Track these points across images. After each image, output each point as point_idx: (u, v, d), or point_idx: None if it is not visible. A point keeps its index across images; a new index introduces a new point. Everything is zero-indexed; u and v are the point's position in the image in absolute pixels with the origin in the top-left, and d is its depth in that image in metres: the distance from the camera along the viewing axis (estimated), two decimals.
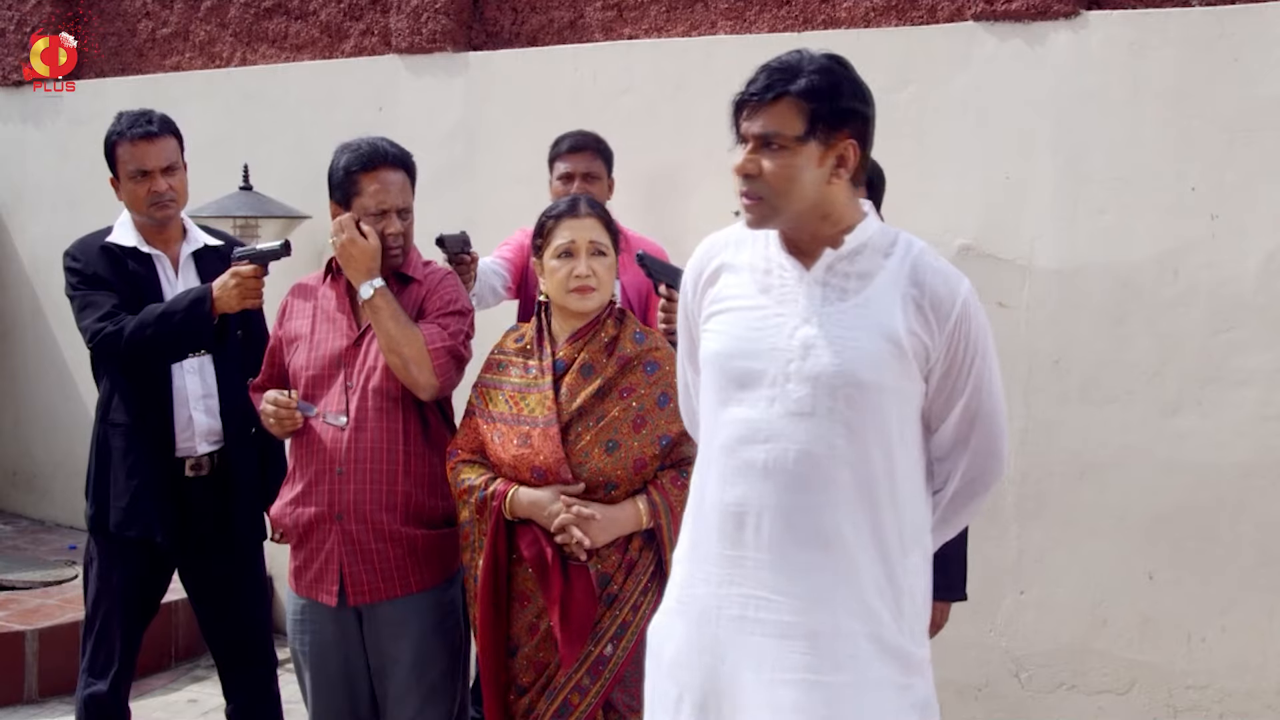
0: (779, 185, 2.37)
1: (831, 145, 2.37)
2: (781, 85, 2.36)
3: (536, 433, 3.23)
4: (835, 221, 2.44)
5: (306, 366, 3.44)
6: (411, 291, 3.50)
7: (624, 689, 3.18)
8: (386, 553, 3.38)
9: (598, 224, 3.31)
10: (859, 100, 2.41)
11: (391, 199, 3.44)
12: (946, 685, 4.63)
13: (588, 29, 5.62)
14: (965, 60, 4.67)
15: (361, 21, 6.20)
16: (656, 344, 3.31)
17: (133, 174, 3.89)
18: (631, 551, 3.22)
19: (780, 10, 5.18)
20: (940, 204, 4.68)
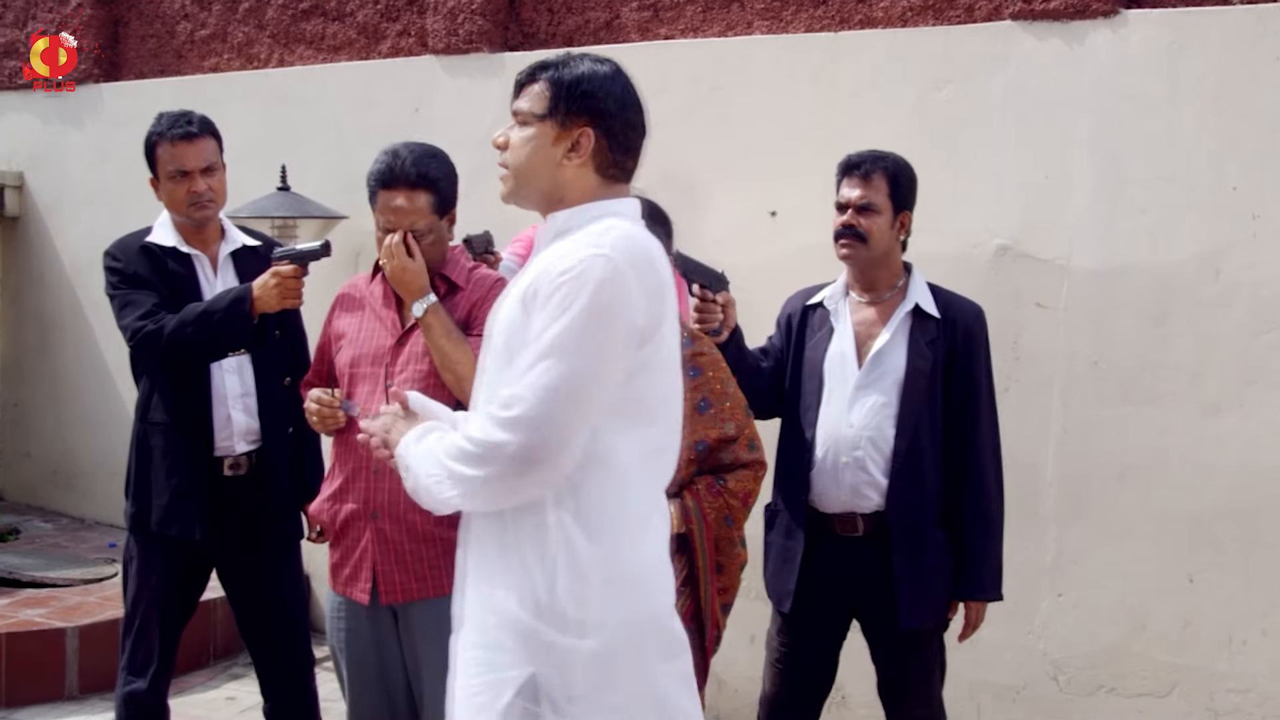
0: (515, 158, 2.55)
1: (568, 129, 2.49)
2: (541, 71, 2.54)
3: None
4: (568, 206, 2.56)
5: (350, 364, 3.44)
6: (458, 297, 3.50)
7: None
8: (420, 553, 3.37)
9: None
10: (611, 100, 2.51)
11: (399, 221, 3.40)
12: (985, 687, 4.63)
13: (624, 29, 5.62)
14: (1003, 60, 4.65)
15: (398, 23, 6.22)
16: (702, 349, 3.29)
17: (172, 174, 3.92)
18: None
19: (816, 10, 5.17)
20: (978, 204, 4.66)
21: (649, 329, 2.40)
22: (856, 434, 3.58)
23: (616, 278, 2.34)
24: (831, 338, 3.69)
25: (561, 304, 2.33)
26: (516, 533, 2.44)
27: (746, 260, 4.68)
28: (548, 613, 2.39)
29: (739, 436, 3.23)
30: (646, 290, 2.39)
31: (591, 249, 2.36)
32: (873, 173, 3.62)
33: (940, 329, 3.61)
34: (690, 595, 3.22)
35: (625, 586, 2.43)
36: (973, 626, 3.70)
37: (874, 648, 3.73)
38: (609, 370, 2.36)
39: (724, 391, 3.25)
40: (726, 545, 3.24)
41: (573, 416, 2.33)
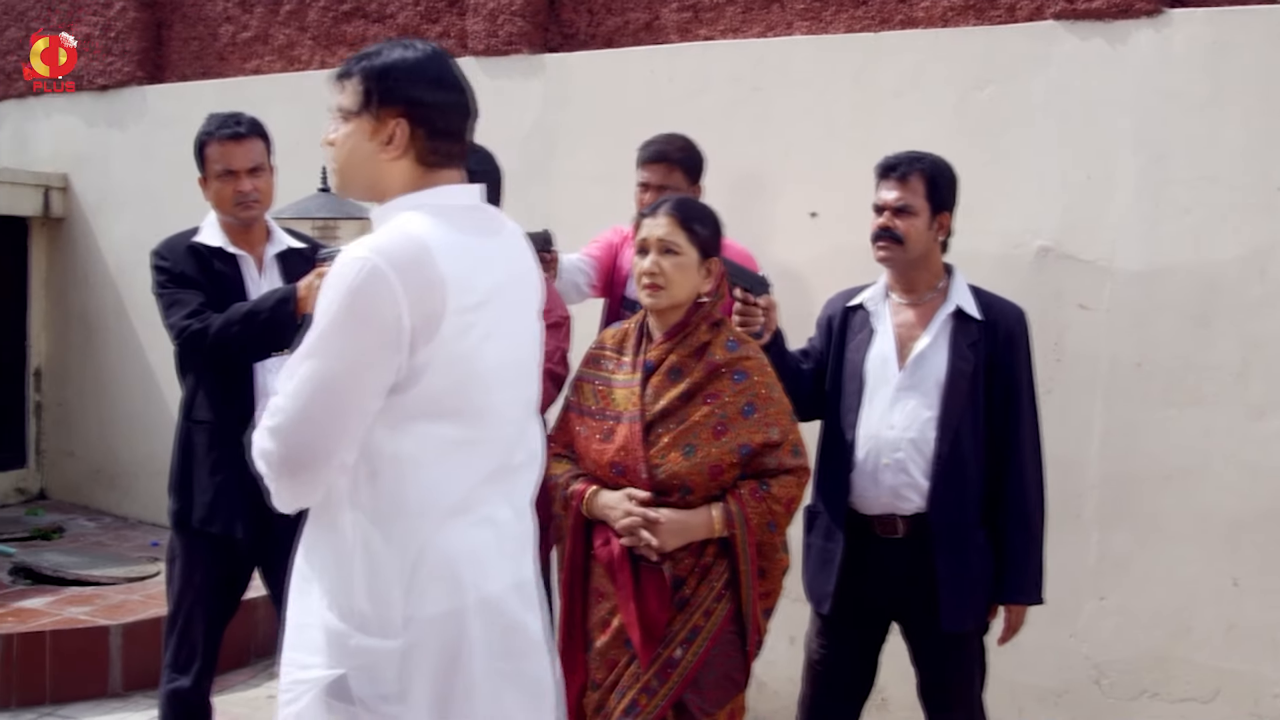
0: (337, 155, 2.51)
1: (382, 121, 2.46)
2: (355, 64, 2.51)
3: (621, 429, 3.25)
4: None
5: None
6: None
7: (697, 690, 3.17)
8: None
9: (670, 223, 3.30)
10: (422, 86, 2.47)
11: None
12: (1026, 690, 4.61)
13: (664, 30, 5.62)
14: (1045, 60, 4.63)
15: (439, 24, 6.25)
16: (749, 353, 3.28)
17: (219, 173, 3.95)
18: (706, 557, 3.22)
19: (857, 10, 5.16)
20: (1020, 205, 4.64)
21: (425, 327, 2.32)
22: (898, 436, 3.57)
23: (372, 281, 2.28)
24: (872, 339, 3.68)
25: (323, 310, 2.32)
26: (318, 534, 2.45)
27: (788, 261, 4.68)
28: (350, 614, 2.38)
29: (783, 442, 3.22)
30: (415, 288, 2.30)
31: (356, 252, 2.32)
32: (909, 174, 3.60)
33: (982, 331, 3.59)
34: (731, 599, 3.21)
35: (431, 581, 2.39)
36: (1013, 630, 3.69)
37: (914, 650, 3.72)
38: (371, 374, 2.32)
39: (769, 396, 3.24)
40: (769, 550, 3.23)
41: (331, 421, 2.31)
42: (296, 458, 2.32)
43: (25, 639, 5.21)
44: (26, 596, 5.72)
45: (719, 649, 3.19)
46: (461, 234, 2.44)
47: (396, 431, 2.36)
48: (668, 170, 4.37)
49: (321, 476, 2.34)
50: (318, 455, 2.32)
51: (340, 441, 2.32)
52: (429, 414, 2.38)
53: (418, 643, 2.37)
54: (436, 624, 2.39)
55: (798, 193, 5.05)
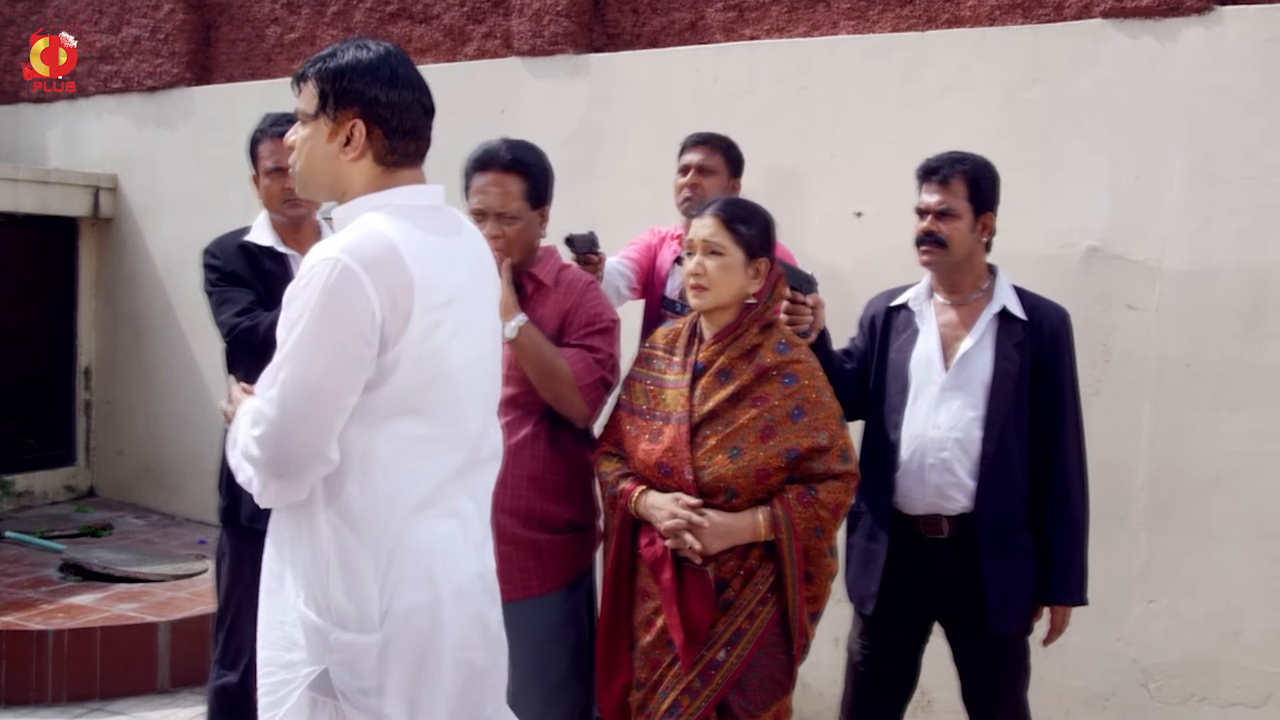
0: (297, 159, 2.56)
1: (339, 123, 2.50)
2: (310, 67, 2.55)
3: (669, 429, 3.25)
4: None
5: None
6: (547, 297, 3.51)
7: (741, 692, 3.17)
8: (509, 555, 3.36)
9: (715, 223, 3.29)
10: (377, 86, 2.50)
11: (489, 202, 3.45)
12: (1073, 693, 4.58)
13: (708, 30, 5.62)
14: (1093, 58, 4.59)
15: (484, 25, 6.26)
16: (799, 356, 3.26)
17: (270, 170, 3.99)
18: (751, 560, 3.20)
19: (903, 9, 5.14)
20: (1067, 205, 4.60)
21: (393, 327, 2.37)
22: (943, 436, 3.55)
23: (344, 280, 2.32)
24: (916, 339, 3.67)
25: (296, 313, 2.36)
26: (295, 533, 2.49)
27: (832, 261, 4.67)
28: (328, 611, 2.43)
29: (831, 447, 3.19)
30: (386, 287, 2.35)
31: (325, 253, 2.35)
32: (951, 177, 3.59)
33: (1027, 331, 3.57)
34: (777, 603, 3.20)
35: (405, 576, 2.45)
36: (1058, 631, 3.67)
37: (958, 652, 3.70)
38: (350, 371, 2.36)
39: (819, 400, 3.22)
40: (816, 555, 3.21)
41: (315, 423, 2.36)
42: (285, 461, 2.38)
43: (75, 635, 5.27)
44: (76, 593, 5.78)
45: (764, 652, 3.18)
46: (426, 234, 2.48)
47: (367, 430, 2.42)
48: (709, 152, 4.42)
49: (310, 475, 2.40)
50: (305, 456, 2.37)
51: (326, 441, 2.37)
52: (398, 412, 2.43)
53: (394, 636, 2.43)
54: (411, 616, 2.45)
55: (843, 193, 5.04)
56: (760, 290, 3.31)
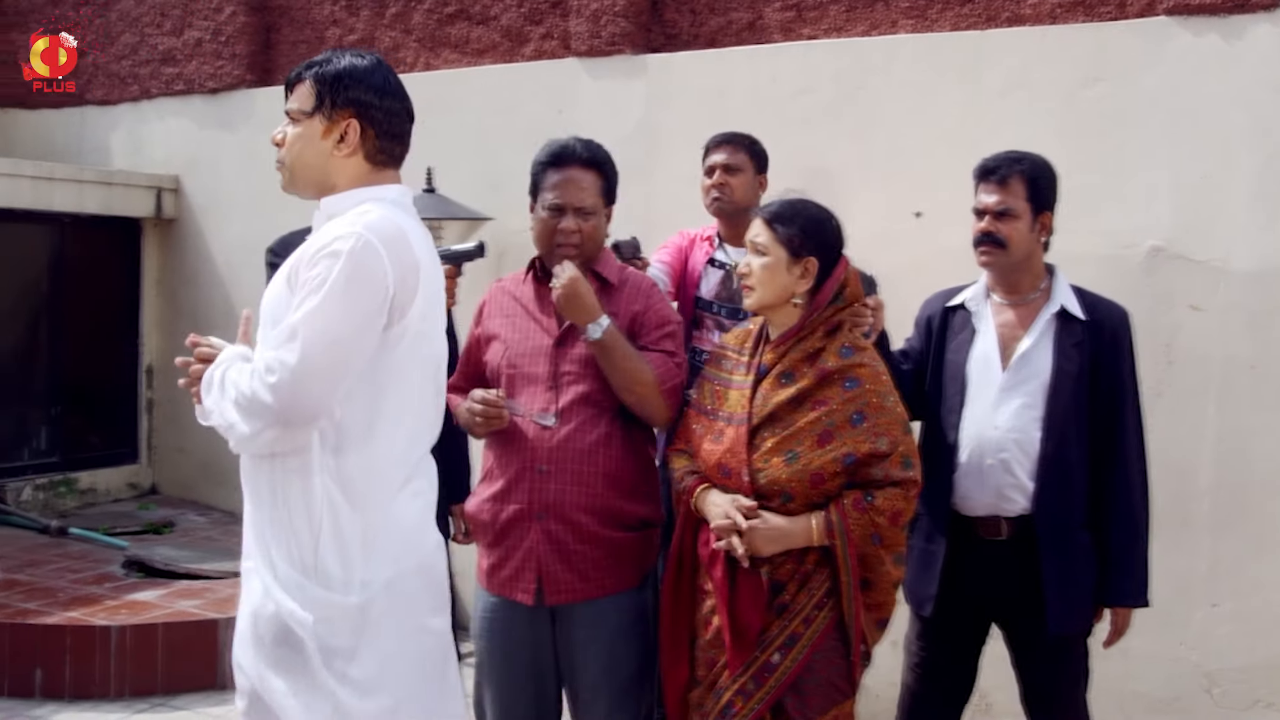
0: (289, 154, 2.78)
1: (334, 122, 2.73)
2: (307, 69, 2.77)
3: (730, 430, 3.24)
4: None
5: (508, 364, 3.45)
6: (615, 297, 3.51)
7: (797, 696, 3.14)
8: (586, 553, 3.37)
9: (759, 223, 3.29)
10: (372, 91, 2.74)
11: (568, 196, 3.46)
12: (1135, 698, 4.53)
13: (767, 30, 5.61)
14: (1157, 56, 4.55)
15: (542, 25, 6.28)
16: (863, 360, 3.22)
17: None
18: (806, 564, 3.17)
19: (963, 8, 5.11)
20: (1131, 204, 4.57)
21: (402, 303, 2.62)
22: (1002, 436, 3.53)
23: (368, 251, 2.56)
24: (974, 340, 3.65)
25: (320, 277, 2.56)
26: (287, 496, 2.66)
27: (891, 261, 4.64)
28: (314, 571, 2.62)
29: (892, 453, 3.14)
30: (399, 265, 2.61)
31: (347, 228, 2.59)
32: (1009, 177, 3.56)
33: (1086, 331, 3.54)
34: (834, 608, 3.18)
35: (386, 546, 2.67)
36: (1119, 633, 3.64)
37: (1018, 654, 3.67)
38: (363, 337, 2.59)
39: (881, 405, 3.17)
40: (874, 562, 3.15)
41: (328, 380, 2.55)
42: (297, 409, 2.55)
43: (138, 631, 5.34)
44: (139, 589, 5.85)
45: (820, 657, 3.15)
46: (418, 228, 2.78)
47: (367, 403, 2.64)
48: (734, 150, 4.46)
49: (312, 425, 2.59)
50: (315, 408, 2.56)
51: (336, 395, 2.58)
52: (395, 389, 2.67)
53: (371, 602, 2.64)
54: (389, 585, 2.66)
55: (901, 193, 5.01)
56: (823, 292, 3.27)
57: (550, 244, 3.47)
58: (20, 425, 7.56)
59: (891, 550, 3.17)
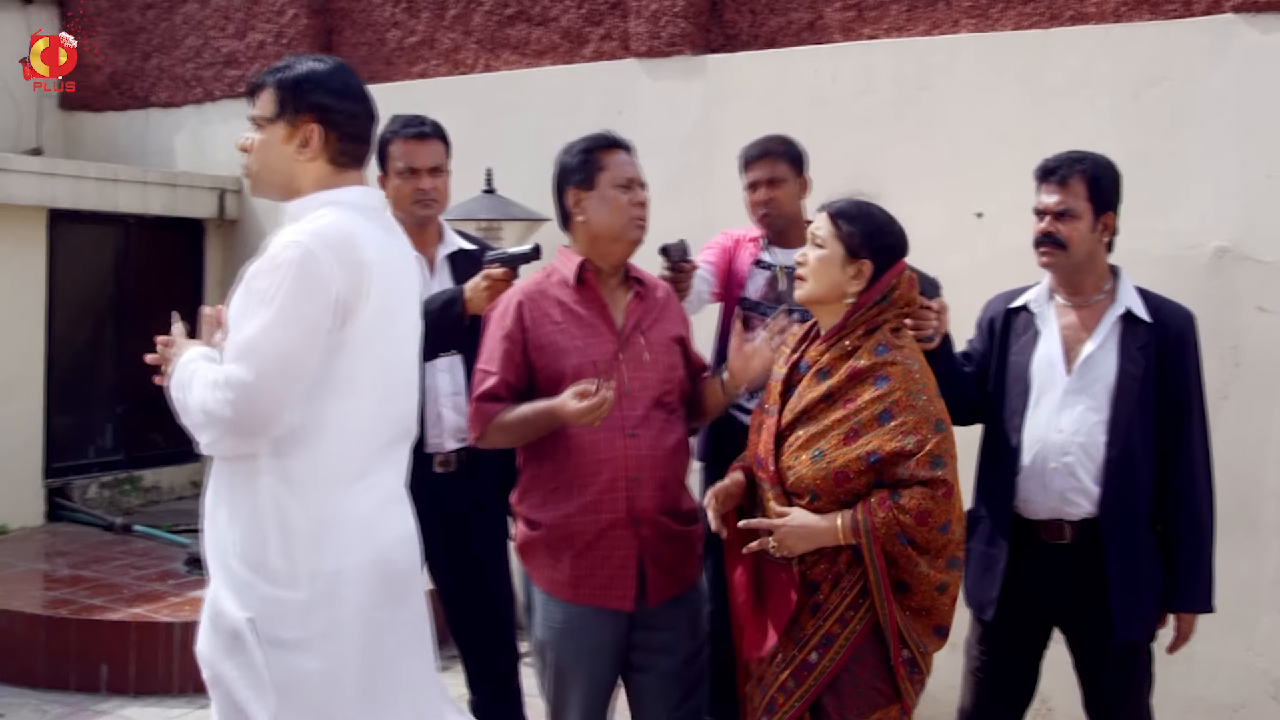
0: (254, 161, 2.85)
1: (296, 127, 2.79)
2: (269, 75, 2.84)
3: (769, 423, 3.27)
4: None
5: (573, 374, 3.40)
6: (646, 297, 3.54)
7: (835, 694, 3.14)
8: (673, 552, 3.44)
9: (823, 216, 3.29)
10: (332, 95, 2.81)
11: (635, 171, 3.52)
12: (1199, 704, 4.49)
13: (827, 30, 5.60)
14: (1223, 54, 4.50)
15: (601, 26, 6.30)
16: (895, 359, 3.19)
17: (401, 171, 4.05)
18: (839, 564, 3.16)
19: (1025, 7, 5.07)
20: (1196, 205, 4.52)
21: (349, 306, 2.66)
22: (1066, 439, 3.50)
23: (311, 259, 2.61)
24: (1037, 342, 3.62)
25: (268, 288, 2.62)
26: (234, 493, 2.73)
27: (953, 262, 4.62)
28: (262, 568, 2.68)
29: (918, 452, 3.11)
30: (346, 269, 2.65)
31: (292, 237, 2.64)
32: (1069, 177, 3.53)
33: (1151, 334, 3.51)
34: (870, 610, 3.16)
35: (332, 540, 2.70)
36: (1184, 639, 3.61)
37: (1080, 660, 3.64)
38: (313, 345, 2.64)
39: (909, 404, 3.14)
40: (907, 563, 3.10)
41: (283, 388, 2.61)
42: (254, 423, 2.63)
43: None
44: (201, 586, 5.85)
45: (859, 658, 3.13)
46: (375, 228, 2.82)
47: (317, 402, 2.68)
48: (773, 163, 4.40)
49: (271, 434, 2.65)
50: (272, 420, 2.63)
51: (293, 406, 2.64)
52: (345, 387, 2.71)
53: (319, 595, 2.69)
54: (337, 579, 2.71)
55: (964, 193, 4.99)
56: (869, 293, 3.26)
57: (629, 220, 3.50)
58: (86, 424, 7.66)
59: (928, 552, 3.12)
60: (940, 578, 3.15)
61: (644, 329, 3.51)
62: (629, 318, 3.50)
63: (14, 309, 7.16)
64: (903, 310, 3.30)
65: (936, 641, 3.23)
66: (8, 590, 5.86)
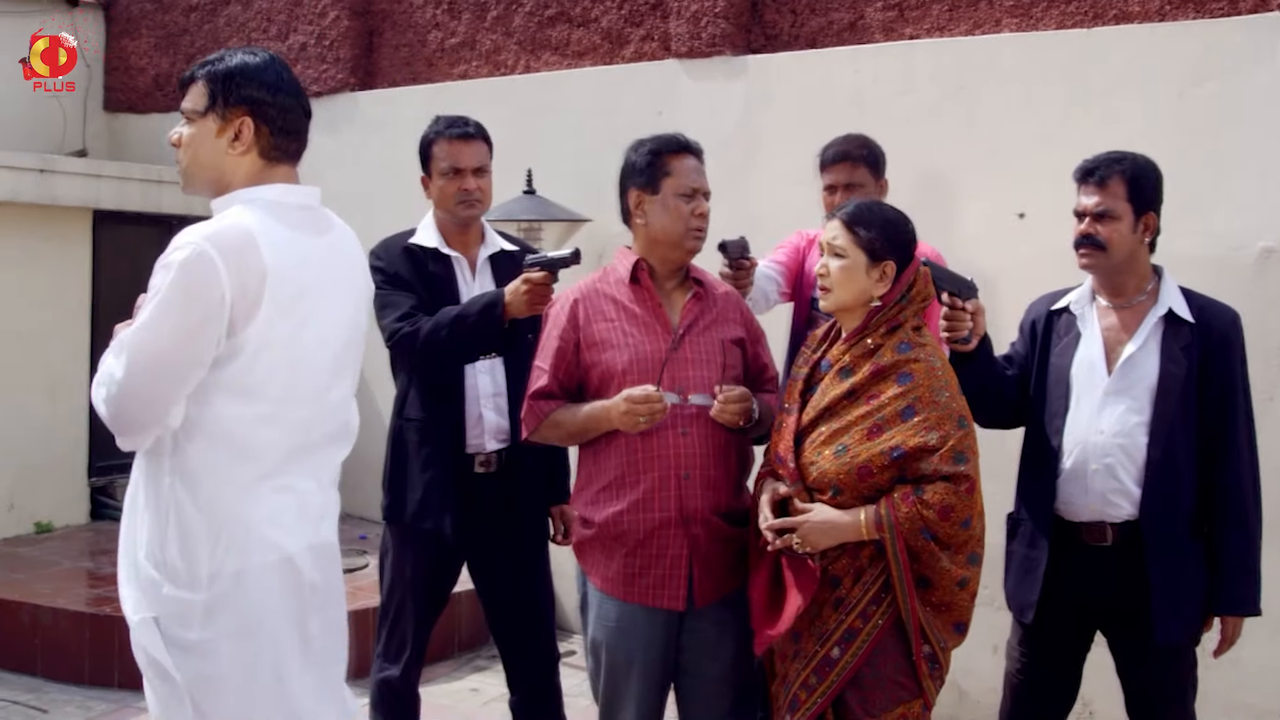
0: (186, 155, 2.80)
1: (228, 120, 2.75)
2: (200, 69, 2.80)
3: (789, 421, 3.29)
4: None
5: (624, 372, 3.44)
6: (705, 298, 3.54)
7: (857, 689, 3.15)
8: (724, 554, 3.45)
9: (838, 226, 3.28)
10: (264, 88, 2.77)
11: (701, 181, 3.54)
12: (1245, 709, 4.45)
13: (868, 30, 5.58)
14: (1270, 53, 4.46)
15: (641, 27, 6.30)
16: (918, 356, 3.20)
17: (445, 171, 4.07)
18: (861, 559, 3.17)
19: (1068, 6, 5.04)
20: (1241, 205, 4.48)
21: (244, 312, 2.59)
22: (1107, 441, 3.48)
23: (201, 263, 2.55)
24: (1079, 343, 3.60)
25: (155, 287, 2.59)
26: (143, 492, 2.72)
27: (994, 263, 4.60)
28: (164, 566, 2.65)
29: (941, 447, 3.12)
30: (239, 273, 2.57)
31: (187, 238, 2.59)
32: (1109, 178, 3.51)
33: (1194, 334, 3.49)
34: (892, 605, 3.16)
35: (234, 542, 2.65)
36: (1229, 643, 3.57)
37: (1122, 663, 3.62)
38: (195, 346, 2.58)
39: (933, 400, 3.15)
40: (929, 559, 3.12)
41: (151, 388, 2.58)
42: (126, 422, 2.62)
43: None
44: None
45: (880, 653, 3.15)
46: (288, 229, 2.73)
47: (209, 405, 2.63)
48: (851, 168, 4.36)
49: (149, 433, 2.64)
50: (143, 420, 2.62)
51: (165, 407, 2.60)
52: (240, 391, 2.65)
53: (220, 598, 2.65)
54: (239, 581, 2.66)
55: (1005, 194, 4.96)
56: (891, 292, 3.26)
57: (687, 230, 3.53)
58: None
59: (950, 548, 3.14)
60: (961, 573, 3.17)
61: (700, 329, 3.51)
62: (684, 317, 3.51)
63: (59, 309, 7.25)
64: (921, 305, 3.31)
65: (956, 638, 3.26)
66: (52, 588, 5.92)
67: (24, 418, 7.09)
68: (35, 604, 5.69)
